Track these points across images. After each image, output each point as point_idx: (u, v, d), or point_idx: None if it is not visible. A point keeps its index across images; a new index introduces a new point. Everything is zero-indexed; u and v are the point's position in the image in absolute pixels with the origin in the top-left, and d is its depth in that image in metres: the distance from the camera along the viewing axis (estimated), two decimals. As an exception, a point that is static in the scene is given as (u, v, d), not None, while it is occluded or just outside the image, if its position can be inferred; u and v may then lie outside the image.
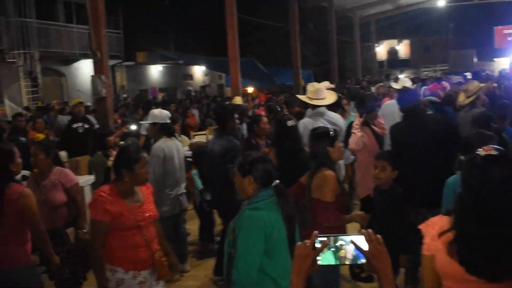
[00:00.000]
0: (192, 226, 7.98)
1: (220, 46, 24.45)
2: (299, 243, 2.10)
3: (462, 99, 7.71)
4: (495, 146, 2.42)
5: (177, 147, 6.58)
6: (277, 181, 3.43)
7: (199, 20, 36.05)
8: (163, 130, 6.51)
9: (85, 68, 24.09)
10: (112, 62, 19.84)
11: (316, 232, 2.07)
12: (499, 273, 2.24)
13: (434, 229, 2.48)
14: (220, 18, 18.53)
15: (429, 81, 18.57)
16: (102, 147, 7.03)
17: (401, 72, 50.20)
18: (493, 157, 2.33)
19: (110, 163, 7.05)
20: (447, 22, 46.42)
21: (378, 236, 2.02)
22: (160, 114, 6.58)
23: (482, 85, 7.92)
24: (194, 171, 7.51)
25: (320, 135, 4.47)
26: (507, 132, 6.27)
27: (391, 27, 43.23)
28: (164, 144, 6.37)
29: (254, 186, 3.38)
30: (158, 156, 6.24)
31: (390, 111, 7.68)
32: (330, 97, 6.93)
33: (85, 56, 23.25)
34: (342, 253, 2.00)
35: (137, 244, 3.98)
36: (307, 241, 2.05)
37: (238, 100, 10.58)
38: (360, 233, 2.01)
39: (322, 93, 6.80)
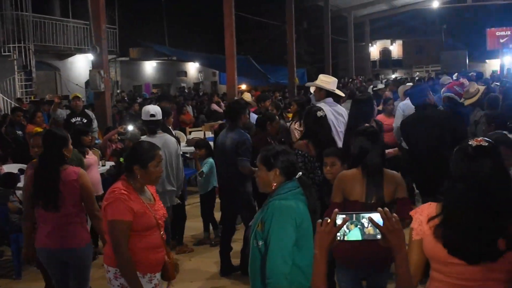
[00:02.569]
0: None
1: (214, 43, 24.53)
2: (320, 220, 2.20)
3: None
4: (486, 138, 2.56)
5: (164, 144, 6.12)
6: (300, 173, 3.44)
7: (193, 16, 36.06)
8: (146, 127, 6.56)
9: (79, 63, 24.03)
10: (107, 57, 19.84)
11: (336, 210, 2.18)
12: (478, 256, 2.42)
13: (422, 215, 2.62)
14: (215, 16, 18.56)
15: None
16: (78, 144, 6.85)
17: (393, 72, 50.50)
18: (483, 148, 2.47)
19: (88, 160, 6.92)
20: (440, 23, 46.69)
21: (394, 214, 2.14)
22: (143, 111, 6.56)
23: (482, 87, 8.00)
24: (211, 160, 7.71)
25: None
26: None
27: (385, 27, 43.36)
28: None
29: (280, 179, 3.37)
30: None
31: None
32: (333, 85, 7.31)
33: (80, 51, 23.18)
34: (366, 230, 2.13)
35: (157, 245, 3.85)
36: (328, 219, 2.16)
37: (247, 96, 10.59)
38: (377, 211, 2.13)
39: (334, 84, 7.20)
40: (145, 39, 28.94)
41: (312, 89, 7.92)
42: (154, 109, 6.53)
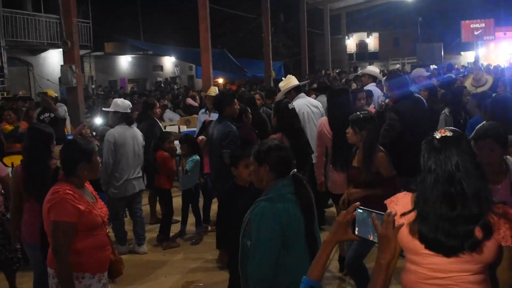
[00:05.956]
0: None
1: (190, 36, 24.31)
2: (344, 211, 2.24)
3: (469, 85, 7.83)
4: (452, 128, 2.55)
5: (134, 135, 6.98)
6: (295, 170, 3.27)
7: (169, 10, 35.74)
8: (124, 119, 6.91)
9: (53, 58, 23.68)
10: (80, 52, 19.54)
11: (357, 203, 2.23)
12: (456, 248, 2.43)
13: (397, 206, 2.63)
14: (190, 8, 18.36)
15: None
16: None
17: (370, 64, 50.68)
18: (449, 139, 2.47)
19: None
20: (416, 15, 46.78)
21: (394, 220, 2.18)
22: (122, 104, 6.99)
23: (490, 78, 8.05)
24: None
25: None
26: None
27: (361, 20, 43.49)
28: (116, 131, 6.77)
29: (271, 176, 3.21)
30: (109, 142, 6.68)
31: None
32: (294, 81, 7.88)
33: (53, 46, 22.83)
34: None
35: (104, 243, 3.80)
36: (350, 210, 2.23)
37: (213, 91, 10.44)
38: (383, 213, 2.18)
39: (294, 80, 7.76)
40: (120, 33, 28.65)
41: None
42: (130, 103, 7.24)
